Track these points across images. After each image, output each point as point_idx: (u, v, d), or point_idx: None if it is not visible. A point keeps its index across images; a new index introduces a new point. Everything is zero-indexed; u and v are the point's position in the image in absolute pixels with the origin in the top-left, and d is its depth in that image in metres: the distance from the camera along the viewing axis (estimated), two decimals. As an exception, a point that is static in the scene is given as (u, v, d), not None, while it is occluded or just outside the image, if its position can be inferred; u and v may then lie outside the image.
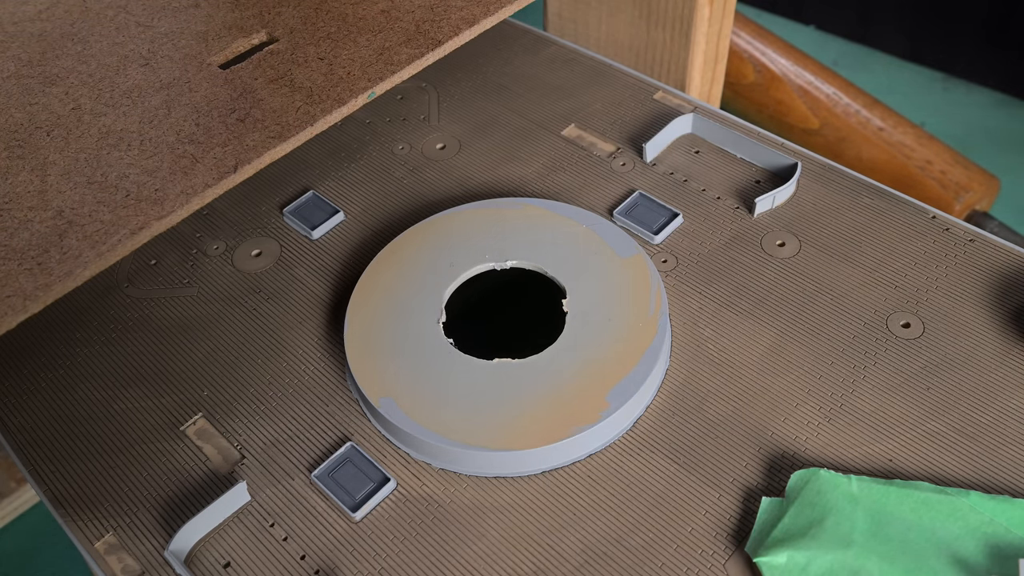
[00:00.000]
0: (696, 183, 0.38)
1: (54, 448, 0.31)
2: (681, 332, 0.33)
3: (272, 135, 0.29)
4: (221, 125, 0.29)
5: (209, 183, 0.28)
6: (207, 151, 0.28)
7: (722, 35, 0.47)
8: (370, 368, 0.31)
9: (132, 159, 0.29)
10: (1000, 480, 0.28)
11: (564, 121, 0.42)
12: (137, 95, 0.30)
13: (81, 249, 0.26)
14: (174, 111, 0.30)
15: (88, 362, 0.34)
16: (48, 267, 0.26)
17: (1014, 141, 0.79)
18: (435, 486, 0.29)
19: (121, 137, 0.29)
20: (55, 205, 0.27)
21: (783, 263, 0.35)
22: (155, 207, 0.27)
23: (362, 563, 0.27)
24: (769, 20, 0.94)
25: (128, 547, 0.28)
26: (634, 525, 0.28)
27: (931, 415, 0.30)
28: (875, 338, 0.32)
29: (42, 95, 0.31)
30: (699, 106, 0.41)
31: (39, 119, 0.30)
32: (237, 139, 0.29)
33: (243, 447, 0.31)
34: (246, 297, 0.36)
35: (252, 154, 0.28)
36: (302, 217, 0.38)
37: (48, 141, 0.29)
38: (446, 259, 0.34)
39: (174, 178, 0.28)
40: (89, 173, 0.28)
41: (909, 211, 0.36)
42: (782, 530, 0.26)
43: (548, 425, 0.29)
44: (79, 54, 0.32)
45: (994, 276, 0.33)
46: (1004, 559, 0.25)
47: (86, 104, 0.30)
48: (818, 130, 0.74)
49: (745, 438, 0.29)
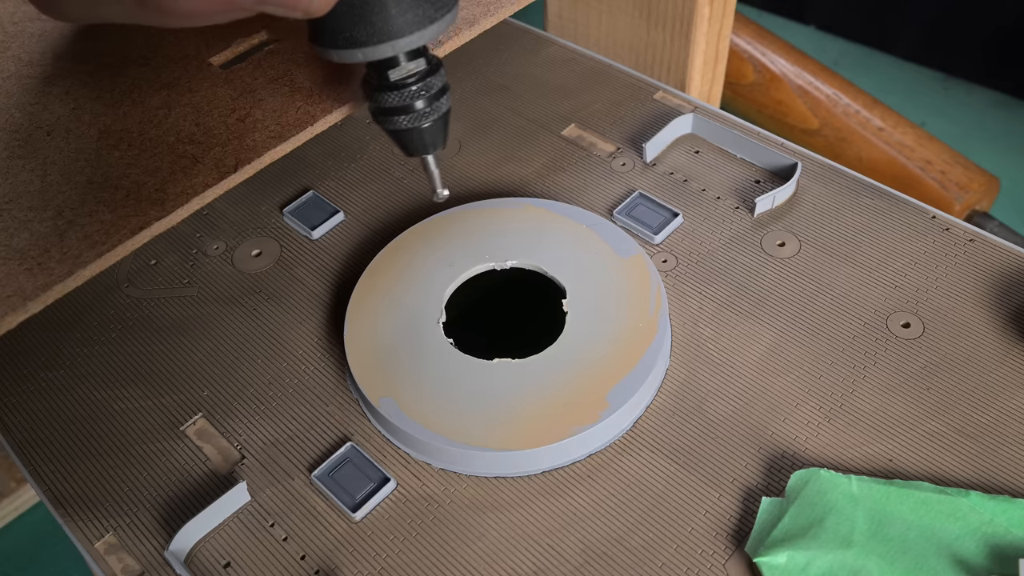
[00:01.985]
0: (696, 183, 0.38)
1: (54, 448, 0.31)
2: (681, 332, 0.33)
3: (272, 135, 0.29)
4: (221, 125, 0.29)
5: (209, 183, 0.28)
6: (207, 151, 0.28)
7: (722, 35, 0.47)
8: (370, 368, 0.31)
9: (132, 159, 0.28)
10: (1000, 480, 0.28)
11: (564, 121, 0.42)
12: (137, 95, 0.30)
13: (81, 249, 0.26)
14: (174, 111, 0.30)
15: (88, 362, 0.34)
16: (48, 267, 0.26)
17: (1014, 141, 0.79)
18: (435, 486, 0.29)
19: (121, 137, 0.29)
20: (55, 205, 0.27)
21: (783, 263, 0.35)
22: (155, 207, 0.27)
23: (362, 563, 0.27)
24: (769, 20, 0.94)
25: (128, 547, 0.28)
26: (634, 525, 0.28)
27: (931, 415, 0.30)
28: (875, 338, 0.32)
29: (42, 95, 0.31)
30: (699, 106, 0.41)
31: (39, 119, 0.30)
32: (237, 139, 0.29)
33: (243, 447, 0.31)
34: (246, 297, 0.36)
35: (252, 154, 0.28)
36: (302, 217, 0.38)
37: (48, 141, 0.29)
38: (446, 259, 0.34)
39: (174, 178, 0.28)
40: (89, 173, 0.28)
41: (909, 211, 0.36)
42: (782, 530, 0.26)
43: (548, 425, 0.29)
44: (79, 54, 0.32)
45: (994, 276, 0.33)
46: (1004, 559, 0.25)
47: (86, 104, 0.30)
48: (818, 130, 0.74)
49: (745, 438, 0.29)
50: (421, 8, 0.24)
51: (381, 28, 0.24)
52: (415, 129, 0.27)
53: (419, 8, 0.24)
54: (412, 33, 0.24)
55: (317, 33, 0.25)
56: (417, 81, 0.26)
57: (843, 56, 0.89)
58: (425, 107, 0.26)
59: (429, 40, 0.25)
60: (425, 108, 0.26)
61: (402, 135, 0.27)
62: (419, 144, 0.27)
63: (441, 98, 0.27)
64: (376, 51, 0.25)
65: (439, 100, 0.27)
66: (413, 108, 0.26)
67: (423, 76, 0.26)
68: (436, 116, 0.27)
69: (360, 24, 0.24)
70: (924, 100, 0.83)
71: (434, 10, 0.25)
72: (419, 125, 0.27)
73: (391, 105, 0.26)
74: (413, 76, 0.26)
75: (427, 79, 0.26)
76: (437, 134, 0.27)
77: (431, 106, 0.27)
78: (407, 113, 0.26)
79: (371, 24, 0.24)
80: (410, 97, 0.26)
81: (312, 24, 0.25)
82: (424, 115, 0.27)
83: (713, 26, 0.46)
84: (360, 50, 0.24)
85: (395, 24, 0.24)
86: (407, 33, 0.24)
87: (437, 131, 0.27)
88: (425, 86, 0.26)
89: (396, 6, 0.24)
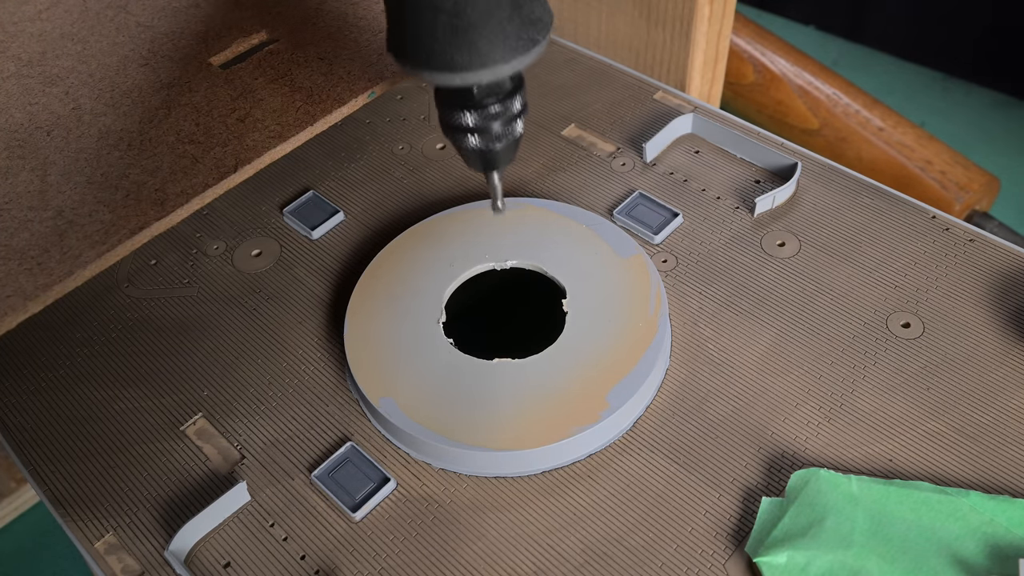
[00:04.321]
0: (696, 183, 0.38)
1: (54, 448, 0.31)
2: (681, 332, 0.33)
3: (272, 135, 0.29)
4: (221, 125, 0.29)
5: (209, 183, 0.28)
6: (207, 151, 0.28)
7: (722, 35, 0.47)
8: (370, 368, 0.31)
9: (132, 159, 0.29)
10: (1000, 480, 0.28)
11: (564, 121, 0.42)
12: (137, 95, 0.30)
13: (81, 249, 0.26)
14: (174, 111, 0.30)
15: (88, 362, 0.34)
16: (48, 267, 0.26)
17: (1014, 141, 0.79)
18: (435, 486, 0.29)
19: (121, 137, 0.29)
20: (55, 205, 0.27)
21: (783, 263, 0.35)
22: (155, 207, 0.27)
23: (362, 563, 0.27)
24: (769, 20, 0.94)
25: (128, 547, 0.28)
26: (634, 525, 0.28)
27: (931, 415, 0.30)
28: (875, 338, 0.32)
29: (42, 95, 0.31)
30: (699, 106, 0.41)
31: (39, 119, 0.30)
32: (237, 139, 0.29)
33: (243, 447, 0.31)
34: (246, 297, 0.36)
35: (252, 154, 0.28)
36: (302, 217, 0.38)
37: (48, 141, 0.29)
38: (446, 259, 0.34)
39: (174, 178, 0.28)
40: (89, 173, 0.28)
41: (909, 211, 0.36)
42: (782, 530, 0.26)
43: (548, 425, 0.29)
44: (79, 54, 0.32)
45: (994, 276, 0.33)
46: (1004, 559, 0.25)
47: (86, 104, 0.30)
48: (818, 130, 0.74)
49: (745, 438, 0.29)
50: (526, 31, 0.22)
51: (486, 53, 0.22)
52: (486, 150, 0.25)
53: (524, 31, 0.22)
54: (515, 58, 0.22)
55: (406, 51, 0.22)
56: (497, 102, 0.24)
57: (843, 56, 0.89)
58: (500, 130, 0.24)
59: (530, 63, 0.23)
60: (500, 131, 0.24)
61: (470, 152, 0.25)
62: (487, 163, 0.25)
63: (517, 121, 0.25)
64: (475, 76, 0.22)
65: (515, 123, 0.25)
66: (489, 130, 0.24)
67: (505, 96, 0.24)
68: (510, 139, 0.25)
69: (463, 48, 0.21)
70: (924, 100, 0.83)
71: (536, 31, 0.22)
72: (491, 147, 0.25)
73: (466, 125, 0.24)
74: (495, 96, 0.24)
75: (507, 100, 0.24)
76: (508, 154, 0.25)
77: (507, 128, 0.24)
78: (481, 135, 0.24)
79: (475, 49, 0.21)
80: (488, 118, 0.24)
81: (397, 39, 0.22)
82: (498, 137, 0.24)
83: (713, 26, 0.46)
84: (459, 75, 0.22)
85: (499, 50, 0.22)
86: (510, 59, 0.22)
87: (508, 152, 0.25)
88: (505, 108, 0.24)
89: (503, 31, 0.21)
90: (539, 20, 0.22)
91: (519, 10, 0.21)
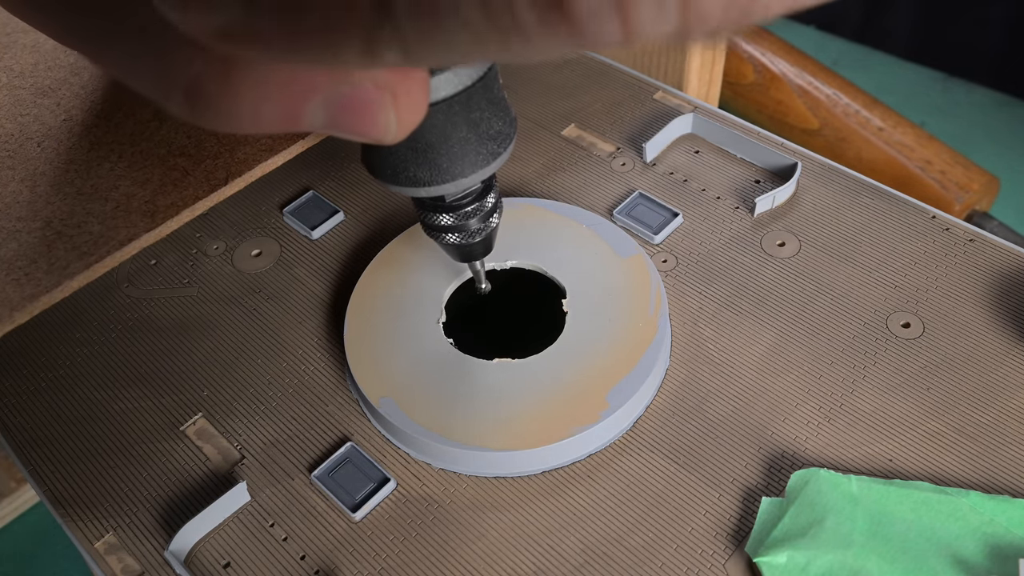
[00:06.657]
0: (696, 183, 0.38)
1: (54, 448, 0.31)
2: (681, 332, 0.33)
3: (263, 148, 0.29)
4: (212, 138, 0.29)
5: (199, 195, 0.28)
6: (198, 163, 0.28)
7: (721, 36, 0.47)
8: (370, 368, 0.31)
9: (123, 171, 0.28)
10: (1000, 480, 0.28)
11: (564, 121, 0.42)
12: (129, 107, 0.30)
13: (69, 260, 0.26)
14: (166, 123, 0.30)
15: (88, 362, 0.34)
16: (36, 277, 0.26)
17: (1014, 141, 0.79)
18: (435, 486, 0.29)
19: (112, 148, 0.29)
20: (44, 216, 0.27)
21: (783, 263, 0.35)
22: (145, 219, 0.27)
23: (362, 563, 0.27)
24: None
25: (128, 547, 0.28)
26: (634, 525, 0.28)
27: (931, 415, 0.30)
28: (875, 338, 0.32)
29: (33, 106, 0.31)
30: (699, 106, 0.41)
31: (30, 130, 0.30)
32: (228, 152, 0.29)
33: (243, 447, 0.31)
34: (246, 297, 0.36)
35: (243, 167, 0.28)
36: (302, 217, 0.38)
37: (39, 152, 0.29)
38: (446, 259, 0.34)
39: (164, 190, 0.28)
40: (79, 184, 0.28)
41: (909, 211, 0.36)
42: (782, 530, 0.26)
43: (548, 425, 0.29)
44: (71, 66, 0.32)
45: (994, 276, 0.33)
46: (1004, 559, 0.25)
47: (78, 115, 0.30)
48: (818, 130, 0.74)
49: (745, 438, 0.29)
50: (485, 146, 0.23)
51: (447, 169, 0.23)
52: (466, 245, 0.26)
53: (483, 146, 0.23)
54: (477, 171, 0.23)
55: (375, 167, 0.23)
56: (472, 202, 0.25)
57: (843, 56, 0.89)
58: (477, 225, 0.26)
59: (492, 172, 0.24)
60: (477, 227, 0.26)
61: (451, 248, 0.27)
62: (467, 256, 0.27)
63: (493, 216, 0.26)
64: (439, 190, 0.23)
65: (491, 218, 0.26)
66: (466, 228, 0.26)
67: (478, 196, 0.25)
68: (487, 232, 0.26)
69: (424, 166, 0.23)
70: (924, 100, 0.83)
71: (496, 145, 0.23)
72: (470, 242, 0.26)
73: (444, 224, 0.26)
74: (468, 197, 0.25)
75: (482, 199, 0.25)
76: (487, 246, 0.27)
77: (483, 223, 0.26)
78: (459, 232, 0.26)
79: (436, 167, 0.23)
80: (464, 217, 0.25)
81: (370, 155, 0.23)
82: (476, 232, 0.26)
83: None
84: (424, 188, 0.23)
85: (459, 166, 0.23)
86: (471, 173, 0.23)
87: (488, 243, 0.27)
88: (479, 207, 0.25)
89: (462, 149, 0.22)
90: (499, 133, 0.23)
91: (476, 128, 0.22)
